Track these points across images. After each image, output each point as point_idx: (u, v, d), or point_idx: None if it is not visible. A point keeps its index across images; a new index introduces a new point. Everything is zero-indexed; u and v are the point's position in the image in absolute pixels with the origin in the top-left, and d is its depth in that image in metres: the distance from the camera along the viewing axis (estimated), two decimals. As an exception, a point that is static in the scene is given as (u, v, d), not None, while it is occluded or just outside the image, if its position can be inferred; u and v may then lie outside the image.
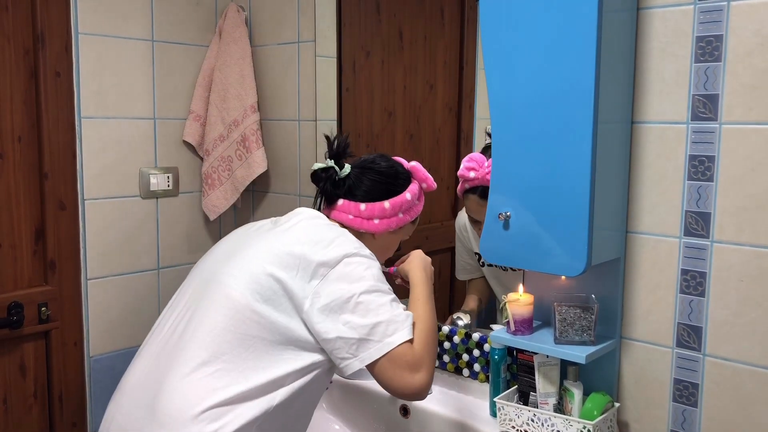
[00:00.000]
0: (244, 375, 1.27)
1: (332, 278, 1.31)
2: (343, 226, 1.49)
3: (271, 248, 1.36)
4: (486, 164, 1.60)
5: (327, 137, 1.53)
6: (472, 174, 1.63)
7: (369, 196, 1.49)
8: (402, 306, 1.34)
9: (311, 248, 1.33)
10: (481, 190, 1.63)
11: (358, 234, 1.48)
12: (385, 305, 1.31)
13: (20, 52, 1.89)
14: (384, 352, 1.28)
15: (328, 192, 1.50)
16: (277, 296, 1.30)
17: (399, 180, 1.53)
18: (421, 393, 1.31)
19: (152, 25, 2.13)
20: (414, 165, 1.56)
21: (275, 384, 1.30)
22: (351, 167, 1.51)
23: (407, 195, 1.51)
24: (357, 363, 1.29)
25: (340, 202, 1.49)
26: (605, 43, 1.28)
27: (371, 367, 1.30)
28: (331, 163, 1.50)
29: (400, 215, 1.51)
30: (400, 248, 1.60)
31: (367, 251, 1.37)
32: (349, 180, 1.50)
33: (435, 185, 1.57)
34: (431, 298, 1.45)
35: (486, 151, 1.72)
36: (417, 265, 1.50)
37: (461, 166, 1.65)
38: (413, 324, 1.33)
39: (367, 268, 1.33)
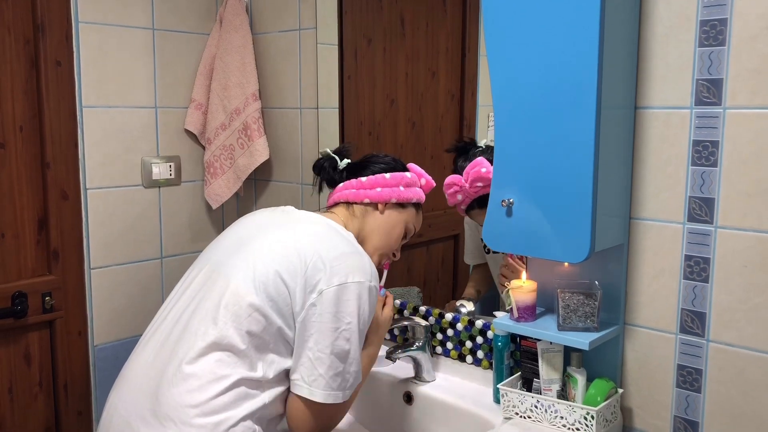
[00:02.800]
0: (244, 368, 1.29)
1: (329, 297, 1.32)
2: (348, 205, 1.52)
3: (281, 247, 1.36)
4: (463, 179, 1.62)
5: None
6: (460, 197, 1.65)
7: (370, 173, 1.58)
8: (360, 358, 1.39)
9: (321, 257, 1.34)
10: (478, 201, 1.63)
11: (364, 212, 1.50)
12: (354, 356, 1.35)
13: (20, 42, 1.88)
14: (329, 401, 1.33)
15: (331, 176, 1.60)
16: (281, 297, 1.31)
17: (398, 165, 1.62)
18: None
19: (153, 14, 2.12)
20: (412, 164, 1.66)
21: (271, 378, 1.32)
22: (349, 161, 1.62)
23: (407, 174, 1.59)
24: (305, 391, 1.33)
25: (341, 184, 1.58)
26: (608, 27, 1.28)
27: (306, 401, 1.33)
28: (329, 152, 1.61)
29: (401, 189, 1.56)
30: (406, 238, 1.62)
31: (375, 280, 1.39)
32: (349, 168, 1.60)
33: (434, 183, 1.65)
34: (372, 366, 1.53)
35: (458, 159, 1.73)
36: (384, 329, 1.56)
37: (447, 197, 1.67)
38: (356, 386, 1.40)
39: (359, 303, 1.35)
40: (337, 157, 1.60)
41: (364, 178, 1.55)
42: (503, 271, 1.74)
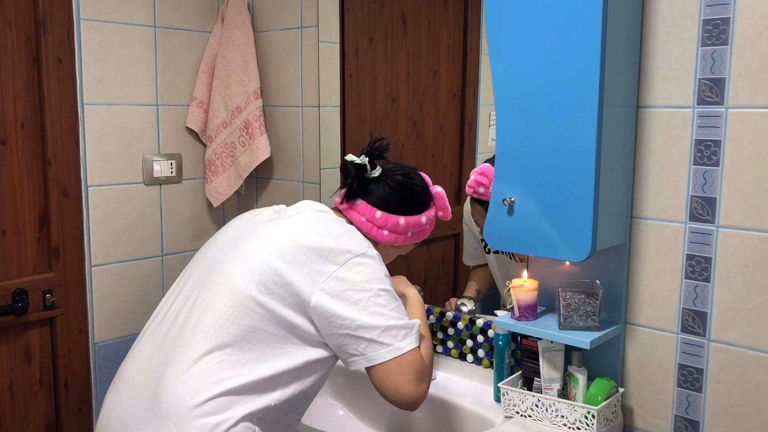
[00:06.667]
0: (248, 367, 1.27)
1: (341, 276, 1.31)
2: (351, 224, 1.49)
3: (277, 239, 1.35)
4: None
5: (372, 134, 1.55)
6: (481, 190, 1.59)
7: (388, 205, 1.49)
8: (405, 315, 1.35)
9: (319, 242, 1.33)
10: (487, 204, 1.60)
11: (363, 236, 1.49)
12: (395, 309, 1.32)
13: (22, 39, 1.88)
14: (393, 356, 1.29)
15: (352, 189, 1.49)
16: (281, 289, 1.30)
17: (421, 202, 1.54)
18: (419, 403, 1.33)
19: (154, 11, 2.12)
20: (439, 191, 1.58)
21: (277, 378, 1.30)
22: (382, 170, 1.51)
23: (423, 218, 1.53)
24: (364, 362, 1.30)
25: (359, 201, 1.49)
26: (611, 26, 1.27)
27: (375, 369, 1.30)
28: (365, 160, 1.49)
29: (409, 234, 1.52)
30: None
31: (375, 252, 1.38)
32: (377, 182, 1.50)
33: (450, 217, 1.60)
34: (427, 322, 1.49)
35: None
36: (412, 288, 1.53)
37: (472, 177, 1.59)
38: (420, 335, 1.35)
39: (375, 270, 1.34)
40: (368, 166, 1.50)
41: (378, 214, 1.47)
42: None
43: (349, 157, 1.51)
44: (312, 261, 1.31)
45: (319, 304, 1.30)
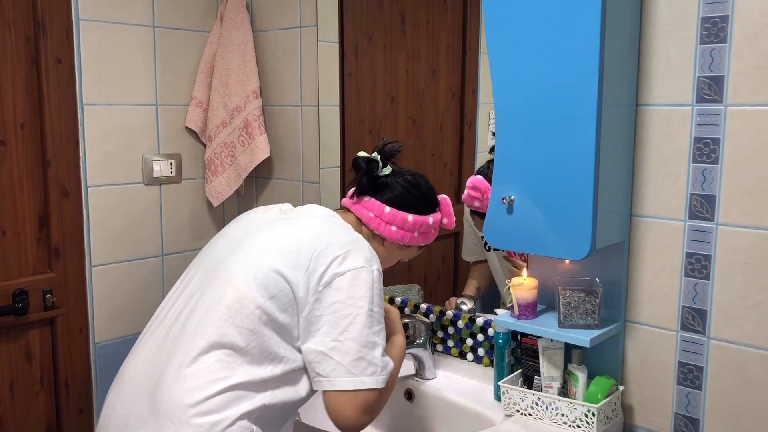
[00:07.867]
0: (243, 368, 1.27)
1: (336, 287, 1.30)
2: (359, 222, 1.49)
3: (281, 242, 1.35)
4: (489, 193, 1.57)
5: (384, 138, 1.56)
6: (476, 203, 1.62)
7: (397, 203, 1.50)
8: (384, 344, 1.35)
9: (323, 249, 1.32)
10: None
11: (371, 236, 1.49)
12: (377, 333, 1.32)
13: (21, 39, 1.88)
14: (353, 387, 1.29)
15: (362, 184, 1.51)
16: (282, 293, 1.30)
17: (429, 203, 1.55)
18: (357, 430, 1.33)
19: (153, 11, 2.12)
20: (445, 198, 1.59)
21: (274, 379, 1.31)
22: (392, 170, 1.54)
23: (430, 219, 1.53)
24: (326, 384, 1.30)
25: (368, 198, 1.51)
26: (609, 25, 1.27)
27: (332, 392, 1.30)
28: (378, 157, 1.52)
29: (416, 234, 1.52)
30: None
31: (377, 263, 1.37)
32: (387, 179, 1.52)
33: (454, 226, 1.60)
34: (404, 355, 1.49)
35: (488, 168, 1.69)
36: (399, 323, 1.52)
37: (465, 191, 1.63)
38: (391, 376, 1.34)
39: (371, 287, 1.32)
40: (380, 162, 1.52)
41: (387, 209, 1.49)
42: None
43: (362, 153, 1.53)
44: (313, 268, 1.31)
45: (308, 317, 1.31)
